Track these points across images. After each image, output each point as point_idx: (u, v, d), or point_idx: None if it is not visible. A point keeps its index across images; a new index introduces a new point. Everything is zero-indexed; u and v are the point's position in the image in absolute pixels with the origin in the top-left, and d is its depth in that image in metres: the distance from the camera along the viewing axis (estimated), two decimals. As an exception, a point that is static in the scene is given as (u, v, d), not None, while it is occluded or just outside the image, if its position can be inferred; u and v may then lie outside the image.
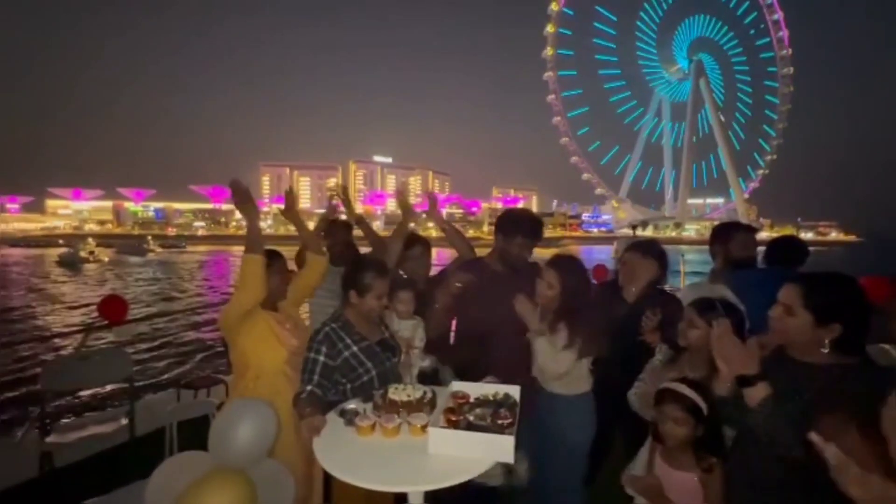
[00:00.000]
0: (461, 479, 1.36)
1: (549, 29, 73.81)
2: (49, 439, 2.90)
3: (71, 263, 37.15)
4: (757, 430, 1.23)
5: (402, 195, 2.56)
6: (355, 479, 1.38)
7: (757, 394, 1.22)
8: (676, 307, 2.21)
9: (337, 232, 2.95)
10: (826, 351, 1.25)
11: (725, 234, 2.56)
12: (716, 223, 2.92)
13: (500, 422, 1.53)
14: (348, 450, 1.54)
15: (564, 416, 1.94)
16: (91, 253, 41.23)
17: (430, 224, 2.75)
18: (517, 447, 1.44)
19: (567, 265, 2.01)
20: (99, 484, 2.03)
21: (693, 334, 1.75)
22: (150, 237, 63.49)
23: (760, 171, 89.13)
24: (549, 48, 74.47)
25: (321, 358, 1.86)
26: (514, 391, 1.76)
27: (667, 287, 2.56)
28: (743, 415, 1.27)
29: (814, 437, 1.00)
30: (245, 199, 1.98)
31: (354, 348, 1.92)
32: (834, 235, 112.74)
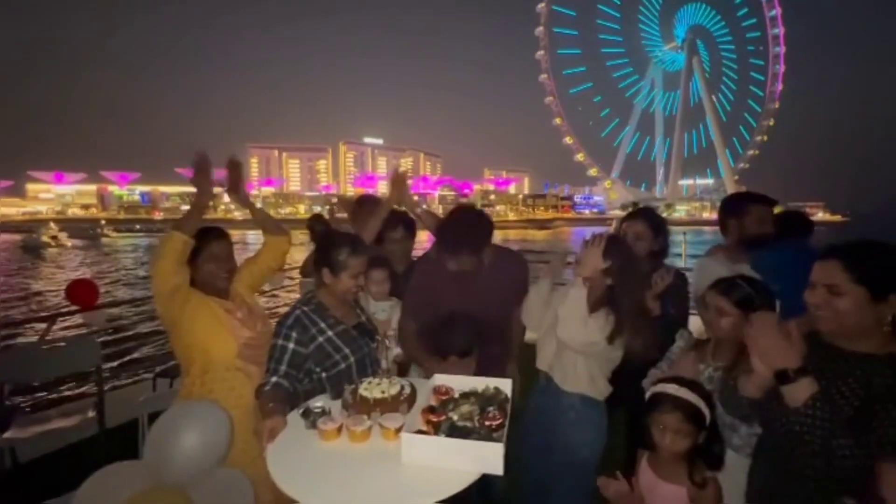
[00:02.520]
0: (439, 497, 1.12)
1: (542, 7, 72.20)
2: (7, 435, 2.70)
3: (33, 248, 36.66)
4: (804, 435, 1.01)
5: (396, 173, 2.35)
6: (307, 499, 1.14)
7: (801, 392, 1.00)
8: (682, 282, 2.13)
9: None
10: (889, 329, 1.07)
11: (740, 208, 2.29)
12: (723, 199, 2.62)
13: (488, 423, 1.30)
14: (306, 459, 1.30)
15: (576, 426, 1.67)
16: (54, 238, 40.27)
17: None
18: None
19: (612, 244, 1.66)
20: (65, 480, 1.82)
21: (725, 323, 1.50)
22: (103, 221, 62.53)
23: (750, 152, 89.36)
24: (541, 26, 73.00)
25: (290, 345, 1.65)
26: (506, 385, 1.53)
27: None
28: (782, 416, 1.05)
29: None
30: (205, 176, 1.82)
31: (330, 333, 1.72)
32: (821, 215, 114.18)
